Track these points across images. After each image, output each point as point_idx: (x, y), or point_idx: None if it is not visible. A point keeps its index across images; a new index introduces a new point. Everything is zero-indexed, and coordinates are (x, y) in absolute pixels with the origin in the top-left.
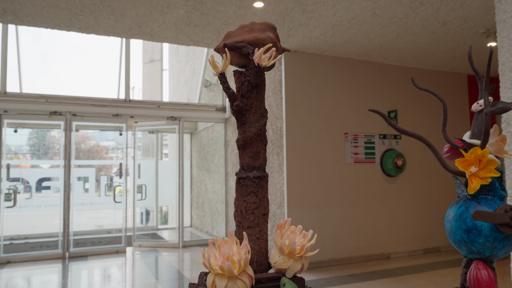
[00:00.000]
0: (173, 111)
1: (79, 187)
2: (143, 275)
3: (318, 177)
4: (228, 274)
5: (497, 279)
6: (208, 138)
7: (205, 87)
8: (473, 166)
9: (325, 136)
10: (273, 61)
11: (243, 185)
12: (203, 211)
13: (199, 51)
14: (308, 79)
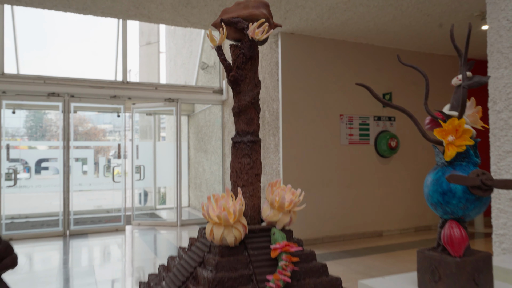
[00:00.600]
0: (170, 93)
1: (77, 168)
2: (142, 252)
3: (314, 157)
4: (225, 223)
5: (468, 240)
6: (206, 120)
7: (202, 69)
8: (450, 136)
9: (321, 118)
10: (266, 35)
11: (238, 149)
12: (200, 192)
13: (196, 34)
14: (304, 61)
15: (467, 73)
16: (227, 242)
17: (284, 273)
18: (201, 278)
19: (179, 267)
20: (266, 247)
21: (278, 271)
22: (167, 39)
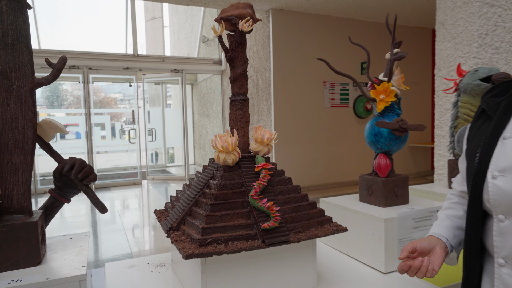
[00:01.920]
0: (176, 64)
1: (96, 132)
2: (157, 199)
3: (301, 119)
4: (226, 151)
5: (392, 165)
6: (207, 88)
7: (203, 42)
8: (381, 95)
9: (307, 84)
10: (250, 27)
11: (234, 105)
12: (204, 151)
13: (197, 10)
14: (292, 34)
15: (394, 50)
16: (228, 162)
17: (263, 180)
18: (212, 185)
19: (197, 181)
20: (252, 166)
21: (259, 179)
22: (170, 15)
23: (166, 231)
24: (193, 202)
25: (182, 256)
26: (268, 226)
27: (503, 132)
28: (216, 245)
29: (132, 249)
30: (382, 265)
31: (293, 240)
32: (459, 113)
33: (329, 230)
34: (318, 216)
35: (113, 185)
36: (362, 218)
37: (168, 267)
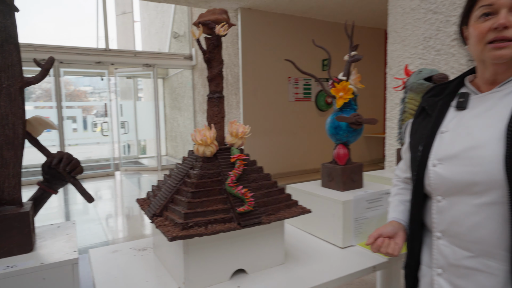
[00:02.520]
0: (148, 59)
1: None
2: (130, 189)
3: (267, 111)
4: (204, 144)
5: (349, 155)
6: (178, 82)
7: (174, 38)
8: (340, 92)
9: (273, 79)
10: (226, 32)
11: (211, 102)
12: (176, 142)
13: (168, 6)
14: (260, 32)
15: (351, 53)
16: (207, 154)
17: (238, 170)
18: (192, 175)
19: (178, 171)
20: (228, 157)
21: (235, 168)
22: (141, 10)
23: (150, 217)
24: (175, 190)
25: (167, 238)
26: (243, 210)
27: (440, 127)
28: (197, 228)
29: (108, 237)
30: (340, 241)
31: (265, 221)
32: (406, 108)
33: (295, 212)
34: (286, 200)
35: (87, 177)
36: (323, 201)
37: (150, 250)
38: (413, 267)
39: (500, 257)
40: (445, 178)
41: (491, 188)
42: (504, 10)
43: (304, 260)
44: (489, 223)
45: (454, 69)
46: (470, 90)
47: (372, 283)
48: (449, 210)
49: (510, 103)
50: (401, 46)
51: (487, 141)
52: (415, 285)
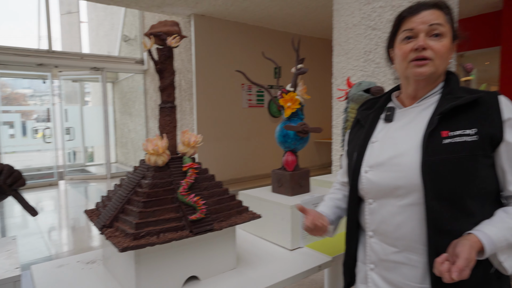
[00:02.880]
0: (96, 62)
1: (4, 131)
2: (76, 200)
3: (221, 118)
4: (156, 153)
5: (297, 161)
6: (129, 87)
7: (124, 41)
8: (288, 103)
9: (227, 86)
10: (177, 44)
11: (163, 111)
12: (126, 149)
13: (117, 7)
14: (213, 39)
15: (298, 66)
16: (158, 164)
17: (190, 178)
18: (144, 184)
19: (128, 181)
20: (180, 166)
21: (187, 177)
22: (88, 10)
23: (100, 229)
24: (126, 200)
25: (118, 249)
26: (195, 217)
27: (371, 138)
28: (149, 237)
29: (52, 252)
30: (289, 243)
31: (217, 228)
32: (348, 117)
33: (246, 218)
34: (237, 206)
35: (27, 187)
36: (273, 206)
37: (99, 263)
38: (350, 264)
39: (420, 251)
40: (374, 183)
41: (411, 191)
42: (422, 34)
43: (255, 264)
44: (410, 222)
45: (391, 81)
46: (396, 105)
47: (321, 283)
48: (379, 211)
49: (427, 116)
50: (345, 59)
51: (408, 150)
52: (353, 280)
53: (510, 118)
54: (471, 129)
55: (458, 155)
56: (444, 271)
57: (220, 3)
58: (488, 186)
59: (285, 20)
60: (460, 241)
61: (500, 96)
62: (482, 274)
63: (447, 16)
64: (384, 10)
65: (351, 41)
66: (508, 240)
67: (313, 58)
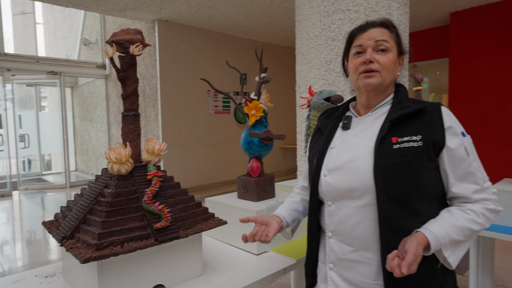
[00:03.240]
0: (53, 66)
1: None
2: (31, 211)
3: (187, 124)
4: (119, 162)
5: (262, 167)
6: (90, 92)
7: (84, 45)
8: (252, 110)
9: (192, 92)
10: (140, 52)
11: (126, 119)
12: (87, 157)
13: (76, 10)
14: (178, 45)
15: (261, 75)
16: (122, 172)
17: (154, 186)
18: (107, 193)
19: (90, 190)
20: (145, 175)
21: (151, 185)
22: (44, 11)
23: (60, 240)
24: (87, 210)
25: (80, 261)
26: (160, 225)
27: (330, 144)
28: (112, 247)
29: (4, 268)
30: (255, 248)
31: (182, 235)
32: (310, 124)
33: (212, 224)
34: (203, 213)
35: None
36: (239, 212)
37: (59, 276)
38: (312, 264)
39: (374, 249)
40: (332, 186)
41: (365, 193)
42: (369, 49)
43: (222, 269)
44: (365, 222)
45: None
46: (352, 114)
47: (288, 286)
48: (337, 213)
49: (379, 124)
50: (307, 68)
51: (362, 155)
52: (314, 280)
53: (450, 126)
54: (417, 135)
55: (406, 159)
56: (395, 266)
57: (184, 10)
58: (433, 188)
59: (250, 28)
60: (408, 239)
61: (442, 107)
62: (429, 269)
63: (392, 33)
64: (343, 22)
65: (313, 51)
66: (451, 237)
67: (278, 66)
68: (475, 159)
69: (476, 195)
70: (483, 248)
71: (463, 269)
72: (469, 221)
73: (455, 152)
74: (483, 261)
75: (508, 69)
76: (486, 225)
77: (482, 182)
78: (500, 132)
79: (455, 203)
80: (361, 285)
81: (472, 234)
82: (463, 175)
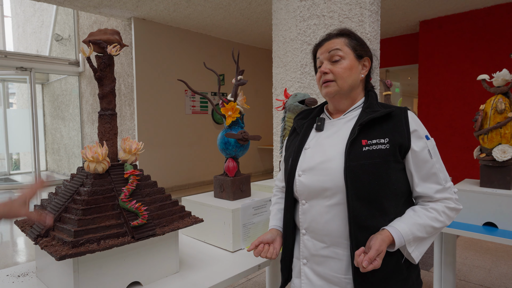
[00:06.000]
0: (23, 62)
1: None
2: None
3: (164, 124)
4: (96, 160)
5: (238, 167)
6: (62, 89)
7: (56, 41)
8: (229, 112)
9: (169, 92)
10: (118, 52)
11: (103, 118)
12: (59, 156)
13: (47, 4)
14: (155, 44)
15: (238, 77)
16: (98, 171)
17: (131, 185)
18: (83, 192)
19: (65, 189)
20: (122, 173)
21: (128, 184)
22: (12, 4)
23: (34, 239)
24: (63, 208)
25: (55, 258)
26: (137, 223)
27: (304, 145)
28: (89, 244)
29: None
30: (231, 245)
31: (159, 233)
32: (286, 125)
33: (188, 222)
34: (179, 212)
35: None
36: (215, 210)
37: (32, 275)
38: (287, 260)
39: (344, 245)
40: (306, 185)
41: (336, 192)
42: (325, 61)
43: (198, 266)
44: (336, 220)
45: None
46: (326, 116)
47: (263, 284)
48: (310, 211)
49: (350, 127)
50: (284, 70)
51: (334, 156)
52: (290, 275)
53: (415, 129)
54: (384, 138)
55: (374, 160)
56: (360, 262)
57: (162, 8)
58: (400, 187)
59: (228, 29)
60: (374, 236)
61: (408, 111)
62: (394, 264)
63: (348, 40)
64: (318, 27)
65: (289, 55)
66: (414, 234)
67: (256, 67)
68: (438, 160)
69: (438, 195)
70: (446, 245)
71: (429, 265)
72: (431, 219)
73: (419, 154)
74: (446, 256)
75: (472, 76)
76: (447, 222)
77: (444, 182)
78: (464, 135)
79: (420, 202)
80: (332, 279)
81: (434, 231)
82: (426, 176)
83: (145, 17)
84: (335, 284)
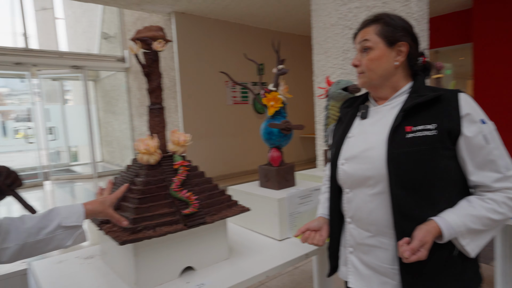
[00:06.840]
0: (76, 61)
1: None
2: (63, 199)
3: (207, 115)
4: (148, 152)
5: (282, 157)
6: (111, 85)
7: (104, 39)
8: (271, 102)
9: (211, 83)
10: (163, 48)
11: (152, 112)
12: (112, 148)
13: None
14: (195, 36)
15: (279, 66)
16: (151, 162)
17: (181, 175)
18: (138, 182)
19: (122, 179)
20: (171, 164)
21: (178, 174)
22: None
23: (98, 225)
24: (121, 197)
25: (118, 243)
26: (188, 212)
27: (348, 133)
28: (145, 231)
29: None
30: (278, 234)
31: (209, 221)
32: (329, 114)
33: (236, 211)
34: (227, 201)
35: None
36: (261, 199)
37: (97, 258)
38: (334, 248)
39: (390, 235)
40: (349, 174)
41: (379, 181)
42: (358, 53)
43: (246, 254)
44: (380, 209)
45: None
46: (372, 103)
47: (310, 272)
48: (354, 200)
49: (395, 113)
50: (325, 57)
51: (377, 144)
52: (336, 263)
53: (468, 113)
54: (431, 124)
55: (419, 147)
56: (402, 252)
57: (200, 1)
58: (450, 176)
59: (265, 18)
60: (419, 226)
61: (460, 94)
62: (446, 256)
63: (381, 26)
64: (360, 10)
65: (330, 40)
66: (467, 226)
67: (295, 55)
68: (497, 146)
69: (498, 184)
70: (508, 236)
71: (489, 258)
72: (488, 210)
73: (473, 140)
74: (508, 249)
75: None
76: (509, 214)
77: (505, 170)
78: None
79: (476, 192)
80: (378, 269)
81: (493, 223)
82: (482, 163)
83: (184, 11)
84: (382, 274)
